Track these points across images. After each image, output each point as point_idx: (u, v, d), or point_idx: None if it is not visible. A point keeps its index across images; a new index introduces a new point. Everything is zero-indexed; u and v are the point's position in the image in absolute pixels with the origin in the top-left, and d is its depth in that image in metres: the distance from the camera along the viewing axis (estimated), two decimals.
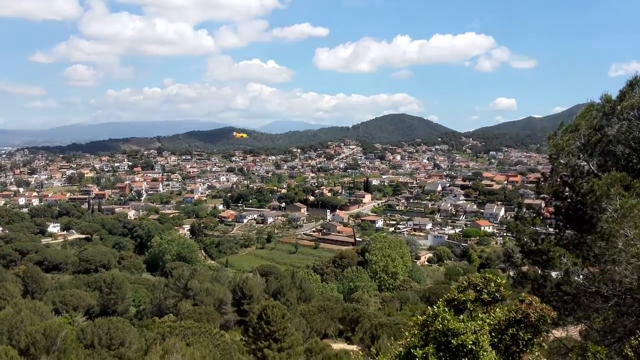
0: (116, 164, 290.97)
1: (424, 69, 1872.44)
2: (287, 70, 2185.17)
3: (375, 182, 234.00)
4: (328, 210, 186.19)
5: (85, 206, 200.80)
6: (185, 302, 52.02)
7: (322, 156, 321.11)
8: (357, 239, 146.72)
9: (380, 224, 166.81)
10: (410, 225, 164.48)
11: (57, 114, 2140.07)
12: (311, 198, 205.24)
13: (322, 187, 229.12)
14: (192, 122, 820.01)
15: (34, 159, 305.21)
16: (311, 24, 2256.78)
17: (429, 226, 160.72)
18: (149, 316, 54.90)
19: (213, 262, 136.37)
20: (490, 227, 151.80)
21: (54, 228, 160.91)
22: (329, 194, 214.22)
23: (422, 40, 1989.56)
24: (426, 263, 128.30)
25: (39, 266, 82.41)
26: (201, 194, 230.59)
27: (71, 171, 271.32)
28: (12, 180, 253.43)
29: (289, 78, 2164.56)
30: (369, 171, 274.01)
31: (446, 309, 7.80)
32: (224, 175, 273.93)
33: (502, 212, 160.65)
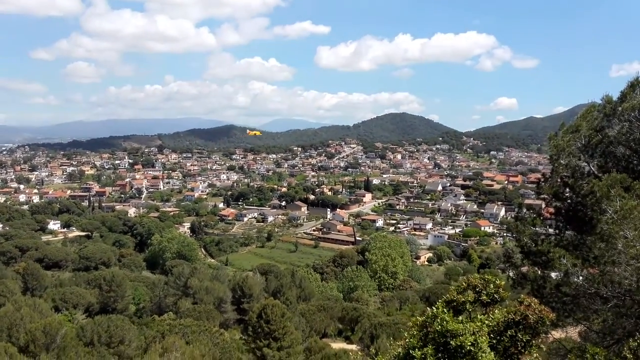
0: (117, 162, 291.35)
1: (426, 67, 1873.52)
2: (289, 69, 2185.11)
3: (375, 181, 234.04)
4: (328, 209, 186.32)
5: (86, 203, 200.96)
6: (185, 301, 52.07)
7: (323, 155, 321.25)
8: (357, 238, 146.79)
9: (380, 223, 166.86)
10: (410, 224, 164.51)
11: (58, 110, 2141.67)
12: (311, 197, 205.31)
13: (323, 186, 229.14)
14: (193, 120, 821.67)
15: (34, 156, 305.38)
16: (313, 22, 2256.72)
17: (429, 226, 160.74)
18: (148, 314, 54.95)
19: (213, 260, 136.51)
20: (491, 227, 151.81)
21: (54, 225, 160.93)
22: (330, 193, 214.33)
23: (423, 39, 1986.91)
24: (426, 263, 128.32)
25: (39, 263, 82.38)
26: (202, 192, 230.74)
27: (72, 168, 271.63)
28: (13, 177, 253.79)
29: (290, 76, 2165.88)
30: (369, 170, 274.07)
31: (445, 310, 7.80)
32: (224, 173, 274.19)
33: (502, 212, 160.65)
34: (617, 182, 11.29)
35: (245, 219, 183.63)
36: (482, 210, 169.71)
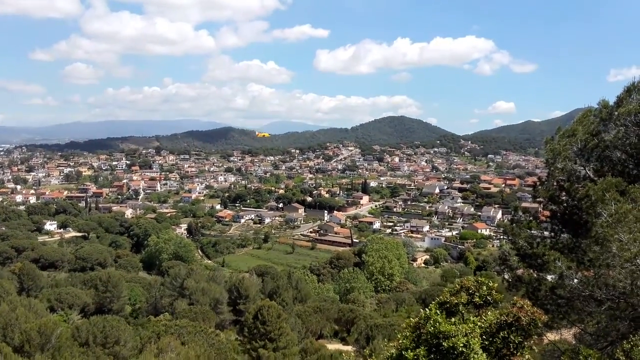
0: (114, 163, 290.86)
1: (424, 71, 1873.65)
2: (287, 72, 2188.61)
3: (373, 183, 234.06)
4: (325, 211, 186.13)
5: (83, 204, 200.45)
6: (181, 302, 52.03)
7: (321, 157, 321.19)
8: (354, 240, 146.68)
9: (377, 225, 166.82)
10: (407, 227, 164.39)
11: (56, 111, 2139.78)
12: (309, 199, 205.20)
13: (320, 188, 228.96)
14: (191, 122, 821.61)
15: (31, 157, 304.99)
16: (312, 25, 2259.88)
17: (426, 228, 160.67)
18: (144, 315, 54.87)
19: (210, 261, 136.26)
20: (487, 230, 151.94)
21: (50, 226, 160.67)
22: (327, 195, 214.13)
23: (422, 43, 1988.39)
24: (423, 265, 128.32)
25: (35, 264, 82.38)
26: (199, 193, 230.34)
27: (69, 169, 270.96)
28: (10, 177, 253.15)
29: (288, 79, 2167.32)
30: (367, 173, 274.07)
31: (438, 311, 7.82)
32: (222, 175, 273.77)
33: (499, 215, 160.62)
34: (612, 186, 11.33)
35: (243, 220, 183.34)
36: (479, 213, 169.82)
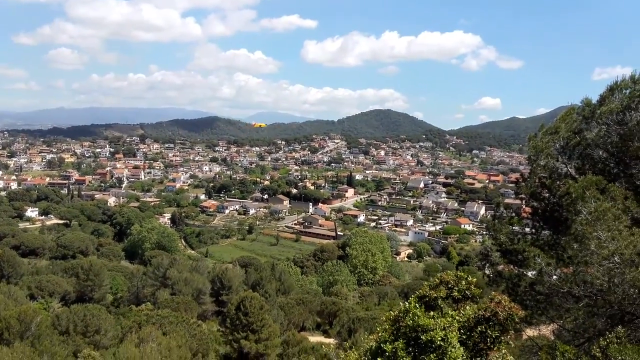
0: (98, 150, 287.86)
1: (411, 65, 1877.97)
2: (275, 62, 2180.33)
3: (358, 176, 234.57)
4: (310, 204, 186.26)
5: (65, 191, 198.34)
6: (164, 291, 51.88)
7: (307, 149, 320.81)
8: (339, 233, 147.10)
9: (362, 218, 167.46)
10: (391, 221, 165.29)
11: (39, 97, 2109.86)
12: (294, 191, 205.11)
13: (306, 180, 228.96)
14: (176, 110, 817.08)
15: (13, 142, 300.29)
16: (300, 15, 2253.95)
17: (410, 222, 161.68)
18: (126, 304, 54.63)
19: (193, 252, 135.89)
20: (471, 225, 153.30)
21: (32, 212, 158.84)
22: (312, 187, 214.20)
23: (410, 37, 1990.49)
24: (406, 259, 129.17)
25: (16, 250, 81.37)
26: (183, 183, 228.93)
27: (51, 155, 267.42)
28: None
29: (276, 69, 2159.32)
30: (352, 166, 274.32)
31: (417, 305, 7.88)
32: (207, 164, 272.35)
33: (482, 211, 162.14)
34: (593, 184, 11.43)
35: (227, 211, 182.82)
36: (463, 209, 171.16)
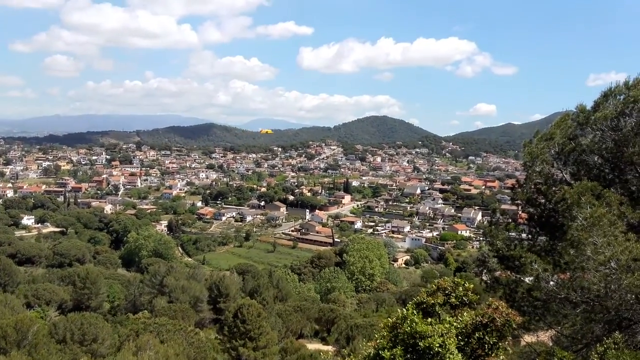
0: (94, 157, 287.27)
1: (407, 71, 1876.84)
2: (271, 68, 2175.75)
3: (355, 183, 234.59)
4: (307, 210, 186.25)
5: (61, 199, 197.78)
6: (161, 299, 51.68)
7: (303, 156, 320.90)
8: (336, 239, 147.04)
9: (359, 225, 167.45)
10: (388, 227, 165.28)
11: (35, 104, 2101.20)
12: (291, 197, 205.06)
13: (302, 187, 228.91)
14: (173, 117, 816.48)
15: (9, 150, 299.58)
16: (296, 22, 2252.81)
17: (407, 229, 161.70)
18: (123, 312, 54.43)
19: (190, 259, 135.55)
20: (467, 231, 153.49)
21: (28, 220, 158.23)
22: (309, 194, 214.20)
23: (405, 44, 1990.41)
24: (403, 265, 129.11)
25: (12, 259, 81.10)
26: (180, 190, 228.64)
27: (47, 163, 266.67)
28: None
29: (272, 76, 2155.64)
30: (349, 172, 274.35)
31: (415, 311, 7.92)
32: (203, 171, 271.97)
33: (479, 217, 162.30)
34: (588, 190, 11.50)
35: (224, 218, 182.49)
36: (460, 215, 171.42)
